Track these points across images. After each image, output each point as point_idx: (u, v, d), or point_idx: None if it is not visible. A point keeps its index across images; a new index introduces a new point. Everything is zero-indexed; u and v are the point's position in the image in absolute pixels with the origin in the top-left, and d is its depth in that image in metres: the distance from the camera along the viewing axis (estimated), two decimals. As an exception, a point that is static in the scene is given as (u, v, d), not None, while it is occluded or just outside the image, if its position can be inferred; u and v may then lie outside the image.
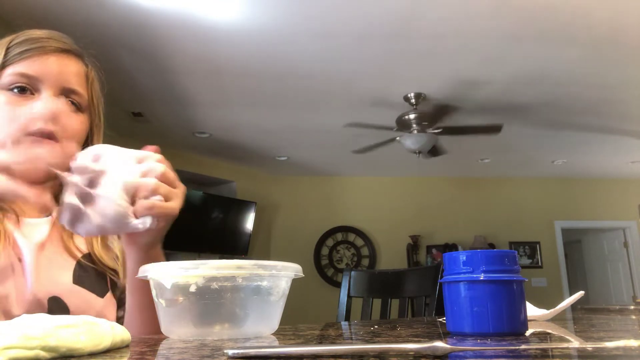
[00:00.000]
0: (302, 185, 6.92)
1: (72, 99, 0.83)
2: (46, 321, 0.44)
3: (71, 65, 0.84)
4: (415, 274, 1.81)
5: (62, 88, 0.82)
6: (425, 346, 0.43)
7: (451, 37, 3.34)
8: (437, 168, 6.57)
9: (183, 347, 0.52)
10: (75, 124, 0.83)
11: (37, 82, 0.79)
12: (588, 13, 3.04)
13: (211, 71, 3.78)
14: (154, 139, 5.29)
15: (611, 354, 0.43)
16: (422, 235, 6.99)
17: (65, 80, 0.82)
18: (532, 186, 7.27)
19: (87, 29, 3.09)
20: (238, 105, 4.46)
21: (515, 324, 0.60)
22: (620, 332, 0.71)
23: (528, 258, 7.09)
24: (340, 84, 4.06)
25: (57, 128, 0.79)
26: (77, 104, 0.84)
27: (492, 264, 0.61)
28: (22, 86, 0.79)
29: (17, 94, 0.78)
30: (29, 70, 0.79)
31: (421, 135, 4.33)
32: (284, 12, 3.03)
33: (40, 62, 0.80)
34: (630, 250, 7.41)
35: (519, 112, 4.69)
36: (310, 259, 6.72)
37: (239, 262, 0.59)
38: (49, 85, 0.80)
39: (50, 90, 0.80)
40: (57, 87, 0.81)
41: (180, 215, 0.73)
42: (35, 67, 0.79)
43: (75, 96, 0.84)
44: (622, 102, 4.52)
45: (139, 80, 3.92)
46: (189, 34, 3.23)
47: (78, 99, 0.84)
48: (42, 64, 0.80)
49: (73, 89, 0.83)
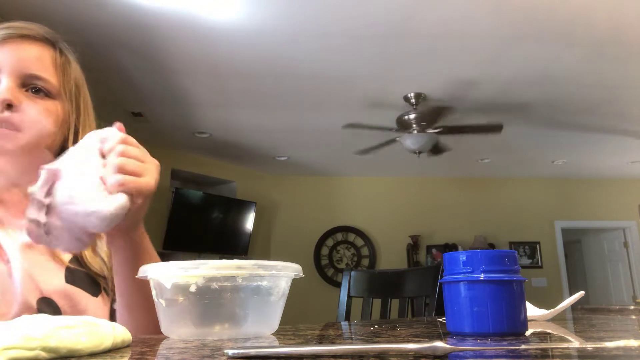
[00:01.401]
0: (302, 185, 6.92)
1: (35, 84, 0.80)
2: (47, 322, 0.44)
3: (32, 50, 0.81)
4: (415, 274, 1.81)
5: (23, 75, 0.79)
6: (425, 346, 0.43)
7: (451, 37, 3.34)
8: (437, 168, 6.57)
9: (183, 347, 0.52)
10: (39, 110, 0.79)
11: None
12: (588, 13, 3.04)
13: (211, 71, 3.78)
14: (154, 139, 5.29)
15: (611, 354, 0.43)
16: (422, 235, 6.99)
17: (25, 66, 0.79)
18: (532, 186, 7.27)
19: (87, 29, 3.09)
20: (238, 105, 4.46)
21: (515, 324, 0.60)
22: (620, 332, 0.71)
23: (528, 258, 7.09)
24: (340, 84, 4.06)
25: (14, 115, 0.76)
26: (43, 90, 0.81)
27: (492, 264, 0.61)
28: None
29: None
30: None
31: (421, 135, 4.33)
32: (284, 13, 3.03)
33: (0, 51, 0.78)
34: (630, 250, 7.41)
35: (519, 112, 4.69)
36: (310, 259, 6.72)
37: (239, 262, 0.59)
38: (7, 73, 0.78)
39: (9, 78, 0.77)
40: (17, 74, 0.78)
41: (181, 215, 0.72)
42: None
43: (39, 81, 0.80)
44: (622, 102, 4.52)
45: (139, 80, 3.92)
46: (189, 34, 3.23)
47: (43, 84, 0.81)
48: (1, 53, 0.78)
49: (35, 75, 0.80)
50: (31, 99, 0.79)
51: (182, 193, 5.63)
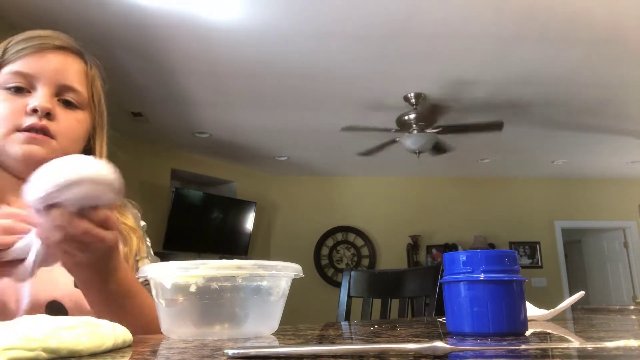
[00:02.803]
0: (302, 185, 6.92)
1: (68, 96, 0.82)
2: (48, 322, 0.44)
3: (69, 62, 0.83)
4: (415, 274, 1.81)
5: (59, 85, 0.81)
6: (425, 346, 0.43)
7: (451, 37, 3.34)
8: (437, 168, 6.57)
9: (183, 347, 0.52)
10: (71, 121, 0.82)
11: (33, 79, 0.79)
12: (588, 13, 3.04)
13: (211, 71, 3.78)
14: (154, 139, 5.30)
15: (611, 354, 0.43)
16: (422, 235, 6.99)
17: (63, 77, 0.81)
18: (532, 186, 7.26)
19: (87, 29, 3.09)
20: (238, 105, 4.46)
21: (515, 324, 0.60)
22: (620, 332, 0.71)
23: (528, 258, 7.09)
24: (340, 84, 4.06)
25: (52, 124, 0.78)
26: (74, 102, 0.83)
27: (492, 264, 0.61)
28: (18, 86, 0.78)
29: (14, 93, 0.78)
30: (24, 68, 0.79)
31: (421, 135, 4.32)
32: (284, 13, 3.03)
33: (37, 60, 0.80)
34: (630, 250, 7.41)
35: (519, 112, 4.69)
36: (310, 259, 6.72)
37: (239, 262, 0.59)
38: (44, 83, 0.79)
39: (46, 88, 0.79)
40: (53, 84, 0.80)
41: (181, 215, 0.72)
42: (31, 65, 0.79)
43: (73, 94, 0.83)
44: (622, 102, 4.52)
45: (139, 80, 3.92)
46: (189, 34, 3.23)
47: (75, 96, 0.83)
48: (38, 62, 0.80)
49: (70, 86, 0.82)
50: (62, 108, 0.81)
51: (182, 193, 5.63)
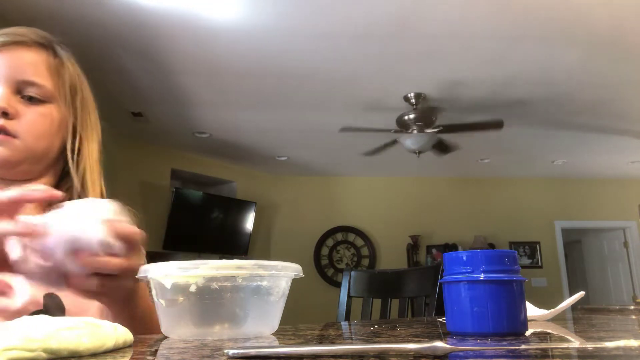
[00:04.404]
0: (302, 185, 6.92)
1: (30, 92, 0.80)
2: (48, 323, 0.44)
3: (25, 56, 0.81)
4: (415, 274, 1.81)
5: (17, 81, 0.79)
6: (425, 346, 0.43)
7: (451, 37, 3.34)
8: (437, 168, 6.57)
9: (183, 347, 0.52)
10: (34, 116, 0.80)
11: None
12: (588, 13, 3.04)
13: (211, 71, 3.78)
14: (154, 139, 5.30)
15: (611, 354, 0.43)
16: (422, 235, 6.99)
17: (19, 73, 0.80)
18: (532, 186, 7.26)
19: (88, 29, 3.09)
20: (238, 105, 4.46)
21: (515, 324, 0.60)
22: (620, 332, 0.71)
23: (528, 258, 7.09)
24: (340, 84, 4.06)
25: (11, 122, 0.77)
26: (37, 96, 0.81)
27: (492, 264, 0.61)
28: None
29: None
30: None
31: (421, 135, 4.32)
32: (284, 13, 3.03)
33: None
34: (630, 250, 7.41)
35: (519, 112, 4.69)
36: (310, 259, 6.72)
37: (239, 262, 0.59)
38: (1, 81, 0.78)
39: (4, 86, 0.78)
40: (10, 81, 0.79)
41: (181, 215, 0.72)
42: None
43: (34, 88, 0.80)
44: (622, 102, 4.52)
45: (139, 80, 3.92)
46: (189, 34, 3.23)
47: (37, 90, 0.81)
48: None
49: (29, 81, 0.80)
50: (26, 105, 0.80)
51: (182, 193, 5.62)
